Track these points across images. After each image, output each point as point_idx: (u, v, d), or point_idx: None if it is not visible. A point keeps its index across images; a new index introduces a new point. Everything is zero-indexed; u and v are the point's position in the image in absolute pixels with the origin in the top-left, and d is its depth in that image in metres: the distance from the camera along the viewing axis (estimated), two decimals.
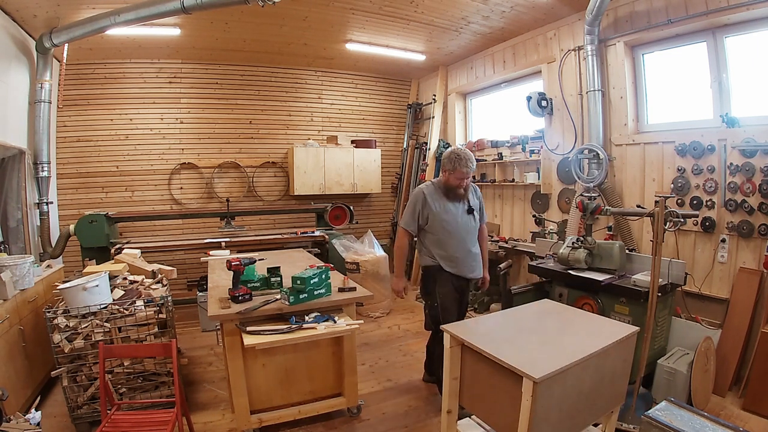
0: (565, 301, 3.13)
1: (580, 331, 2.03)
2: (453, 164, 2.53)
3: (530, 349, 1.80)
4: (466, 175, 2.56)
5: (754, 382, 2.64)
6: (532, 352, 1.76)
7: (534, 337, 1.97)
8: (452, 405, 2.02)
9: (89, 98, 4.97)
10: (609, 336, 1.91)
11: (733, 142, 2.92)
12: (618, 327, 2.08)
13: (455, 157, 2.53)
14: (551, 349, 1.80)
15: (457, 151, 2.56)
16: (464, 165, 2.53)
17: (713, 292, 3.09)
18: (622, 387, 2.01)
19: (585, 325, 2.13)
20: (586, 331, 2.01)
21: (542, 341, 1.90)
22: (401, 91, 6.73)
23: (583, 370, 1.73)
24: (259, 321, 2.33)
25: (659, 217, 2.27)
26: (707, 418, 1.60)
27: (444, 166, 2.60)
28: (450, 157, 2.55)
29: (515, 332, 2.04)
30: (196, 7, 3.25)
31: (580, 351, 1.74)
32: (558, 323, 2.16)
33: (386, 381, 3.19)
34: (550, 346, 1.85)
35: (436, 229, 2.63)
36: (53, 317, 2.37)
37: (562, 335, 1.98)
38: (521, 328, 2.10)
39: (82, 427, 2.48)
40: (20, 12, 3.63)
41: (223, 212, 5.01)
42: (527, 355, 1.73)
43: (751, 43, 3.03)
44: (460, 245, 2.65)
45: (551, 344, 1.87)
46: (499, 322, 2.22)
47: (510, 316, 2.31)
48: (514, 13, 4.12)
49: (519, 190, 4.88)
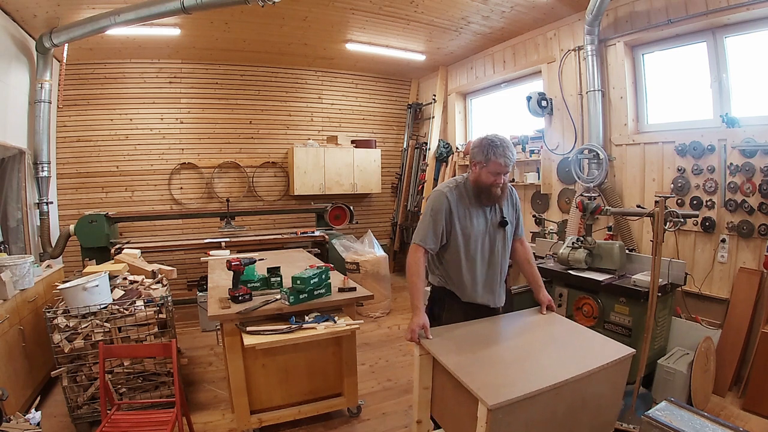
0: (565, 301, 3.13)
1: (565, 348, 1.78)
2: (486, 153, 1.85)
3: (498, 368, 1.61)
4: (503, 168, 1.86)
5: (754, 382, 2.64)
6: (499, 372, 1.57)
7: (509, 353, 1.76)
8: (422, 415, 1.88)
9: (89, 98, 4.97)
10: (597, 357, 1.66)
11: (733, 142, 2.92)
12: (611, 347, 1.79)
13: (488, 144, 1.85)
14: (522, 370, 1.59)
15: (491, 137, 1.88)
16: (501, 155, 1.83)
17: (713, 292, 3.09)
18: (610, 416, 1.76)
19: (573, 341, 1.86)
20: (572, 350, 1.76)
21: (516, 359, 1.69)
22: (401, 91, 6.73)
23: (556, 396, 1.50)
24: (259, 321, 2.33)
25: (659, 217, 2.27)
26: (707, 418, 1.60)
27: (474, 157, 1.91)
28: (482, 145, 1.87)
29: (490, 345, 1.82)
30: (196, 7, 3.25)
31: (555, 374, 1.52)
32: (542, 338, 1.91)
33: (386, 381, 3.19)
34: (522, 365, 1.63)
35: (456, 248, 1.96)
36: (53, 317, 2.36)
37: (542, 353, 1.75)
38: (499, 341, 1.89)
39: (82, 427, 2.48)
40: (20, 12, 3.63)
41: (223, 212, 5.01)
42: (491, 375, 1.53)
43: (751, 43, 3.03)
44: (484, 270, 2.00)
45: (524, 363, 1.65)
46: (477, 333, 1.93)
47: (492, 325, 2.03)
48: (514, 13, 4.11)
49: (519, 190, 4.86)
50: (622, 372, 1.74)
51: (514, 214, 2.10)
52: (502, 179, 1.90)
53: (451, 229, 1.94)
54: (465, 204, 1.95)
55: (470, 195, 1.96)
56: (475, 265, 1.98)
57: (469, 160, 1.98)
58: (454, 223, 1.93)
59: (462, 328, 1.96)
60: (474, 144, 1.94)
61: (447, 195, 1.93)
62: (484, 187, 1.91)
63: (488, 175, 1.88)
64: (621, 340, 2.77)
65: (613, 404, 1.77)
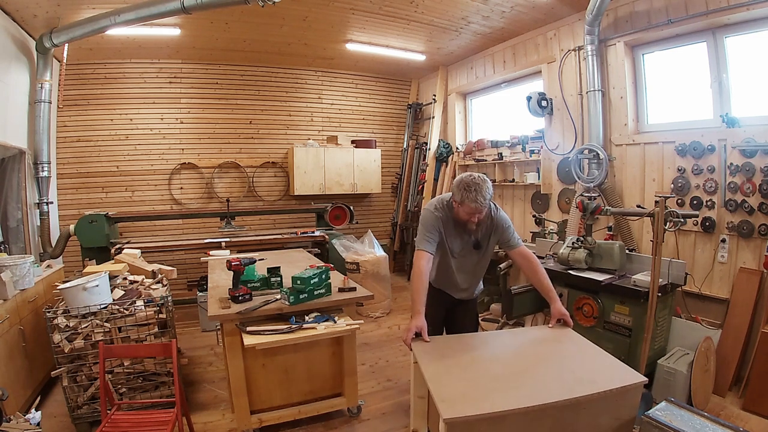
0: (565, 301, 3.13)
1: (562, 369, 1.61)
2: (461, 196, 1.99)
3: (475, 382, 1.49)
4: (476, 210, 2.00)
5: (754, 382, 2.64)
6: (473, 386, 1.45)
7: (498, 367, 1.64)
8: (418, 424, 1.84)
9: (89, 98, 4.97)
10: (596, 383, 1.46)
11: (733, 142, 2.92)
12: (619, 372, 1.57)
13: (464, 187, 1.98)
14: (501, 387, 1.45)
15: (467, 180, 1.99)
16: (473, 199, 1.96)
17: (713, 292, 3.09)
18: None
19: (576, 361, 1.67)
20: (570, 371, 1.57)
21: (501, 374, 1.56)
22: (401, 91, 6.73)
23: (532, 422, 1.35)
24: (259, 321, 2.33)
25: (659, 217, 2.27)
26: (707, 418, 1.60)
27: (453, 195, 2.08)
28: (459, 186, 2.00)
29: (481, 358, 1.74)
30: (196, 7, 3.25)
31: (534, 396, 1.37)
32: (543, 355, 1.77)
33: (386, 381, 3.19)
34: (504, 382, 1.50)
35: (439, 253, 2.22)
36: (53, 317, 2.36)
37: (533, 371, 1.60)
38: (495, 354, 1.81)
39: (82, 427, 2.48)
40: (20, 12, 3.63)
41: (223, 212, 5.01)
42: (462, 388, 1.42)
43: (751, 43, 3.03)
44: (456, 277, 2.29)
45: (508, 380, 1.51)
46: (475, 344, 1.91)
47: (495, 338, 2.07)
48: (514, 13, 4.11)
49: (519, 190, 4.88)
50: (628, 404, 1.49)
51: (490, 235, 2.24)
52: (476, 218, 2.07)
53: (440, 240, 2.16)
54: (448, 224, 2.17)
55: (451, 219, 2.16)
56: (454, 273, 2.27)
57: (452, 194, 2.12)
58: (442, 237, 2.16)
59: (463, 339, 1.98)
60: (455, 183, 2.08)
61: (435, 213, 2.15)
62: (461, 222, 2.12)
63: (464, 213, 2.06)
64: (621, 340, 2.80)
65: None
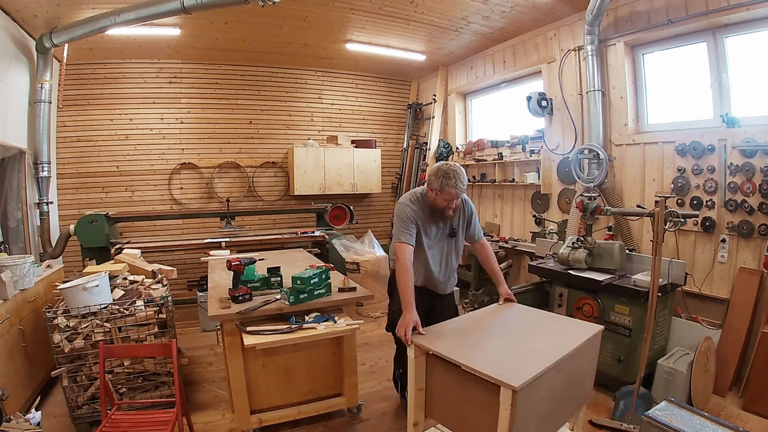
0: (565, 301, 3.13)
1: (546, 332, 1.97)
2: (440, 183, 2.12)
3: (502, 355, 1.72)
4: (455, 196, 2.15)
5: (755, 382, 2.64)
6: (505, 359, 1.68)
7: (501, 341, 1.89)
8: (419, 417, 1.91)
9: (89, 98, 4.97)
10: (577, 336, 1.88)
11: (733, 142, 2.92)
12: (584, 327, 2.07)
13: (443, 175, 2.12)
14: (523, 354, 1.72)
15: (445, 168, 2.13)
16: (453, 186, 2.11)
17: (713, 292, 3.09)
18: (589, 385, 2.05)
19: (549, 326, 2.08)
20: (553, 333, 1.96)
21: (512, 346, 1.81)
22: (401, 91, 6.73)
23: (557, 372, 1.67)
24: (259, 321, 2.32)
25: (659, 217, 2.27)
26: (707, 418, 1.60)
27: (430, 183, 2.19)
28: (437, 174, 2.14)
29: (482, 337, 1.94)
30: (196, 7, 3.25)
31: (552, 354, 1.69)
32: (522, 325, 2.09)
33: (386, 381, 3.19)
34: (521, 350, 1.76)
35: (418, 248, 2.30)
36: (53, 317, 2.36)
37: (530, 338, 1.90)
38: (486, 332, 2.01)
39: (82, 427, 2.48)
40: (20, 12, 3.63)
41: (223, 212, 5.01)
42: (500, 362, 1.64)
43: (751, 43, 3.03)
44: (432, 268, 2.37)
45: (521, 348, 1.78)
46: (462, 328, 2.08)
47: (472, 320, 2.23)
48: (514, 13, 4.12)
49: (519, 190, 4.88)
50: (596, 346, 2.02)
51: (464, 223, 2.40)
52: (453, 203, 2.21)
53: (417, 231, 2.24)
54: (423, 216, 2.27)
55: (427, 209, 2.28)
56: (430, 264, 2.35)
57: (427, 184, 2.25)
58: (418, 228, 2.26)
59: (447, 326, 2.11)
60: (431, 172, 2.20)
61: (410, 206, 2.25)
62: (439, 209, 2.24)
63: (442, 200, 2.19)
64: (621, 340, 2.81)
65: (591, 375, 2.04)
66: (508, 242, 4.60)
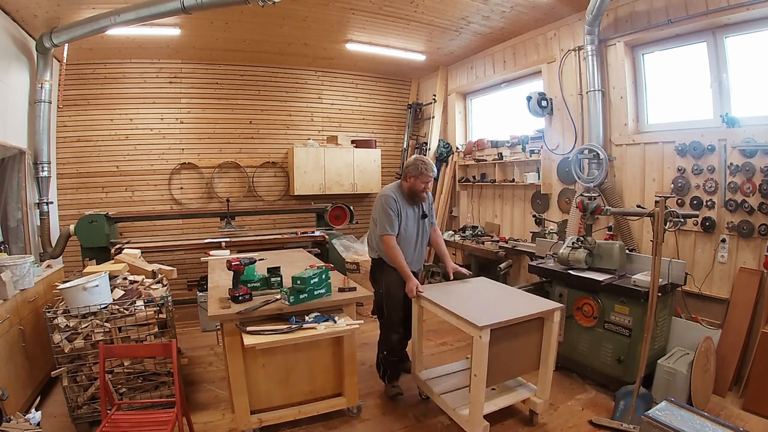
0: (565, 301, 3.13)
1: (513, 299, 2.62)
2: (419, 170, 2.72)
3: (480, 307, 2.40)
4: (430, 178, 2.76)
5: (754, 382, 2.64)
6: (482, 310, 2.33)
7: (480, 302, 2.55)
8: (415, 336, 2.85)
9: (89, 98, 4.97)
10: (538, 305, 2.46)
11: (733, 142, 2.92)
12: (543, 300, 2.57)
13: (421, 164, 2.74)
14: (497, 309, 2.37)
15: (421, 158, 2.79)
16: (430, 170, 2.74)
17: (713, 292, 3.09)
18: (536, 355, 2.50)
19: (515, 296, 2.72)
20: (519, 300, 2.59)
21: (488, 305, 2.48)
22: (401, 91, 6.73)
23: (519, 328, 2.32)
24: (259, 321, 2.32)
25: (659, 217, 2.27)
26: (707, 418, 1.61)
27: (410, 172, 2.75)
28: (416, 164, 2.75)
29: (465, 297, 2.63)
30: (196, 7, 3.25)
31: (519, 311, 2.31)
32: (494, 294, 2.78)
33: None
34: (495, 307, 2.43)
35: (399, 232, 2.79)
36: (53, 317, 2.36)
37: (502, 301, 2.57)
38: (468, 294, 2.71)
39: (82, 427, 2.48)
40: (20, 12, 3.63)
41: (223, 212, 5.01)
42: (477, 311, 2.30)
43: (751, 43, 3.03)
44: (409, 248, 2.86)
45: (495, 306, 2.46)
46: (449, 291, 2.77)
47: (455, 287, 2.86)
48: (514, 13, 4.12)
49: (519, 190, 4.88)
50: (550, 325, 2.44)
51: (429, 208, 2.99)
52: (429, 186, 2.82)
53: (398, 218, 2.76)
54: (402, 203, 2.81)
55: (404, 197, 2.83)
56: (408, 244, 2.85)
57: (404, 174, 2.84)
58: (400, 215, 2.78)
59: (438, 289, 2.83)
60: (409, 162, 2.81)
61: (393, 197, 2.78)
62: (417, 192, 2.80)
63: (420, 183, 2.76)
64: (621, 340, 2.81)
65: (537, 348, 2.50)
66: (508, 242, 4.60)
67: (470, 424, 2.28)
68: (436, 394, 2.60)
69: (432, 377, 2.80)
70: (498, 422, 2.55)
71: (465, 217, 5.76)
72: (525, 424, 2.58)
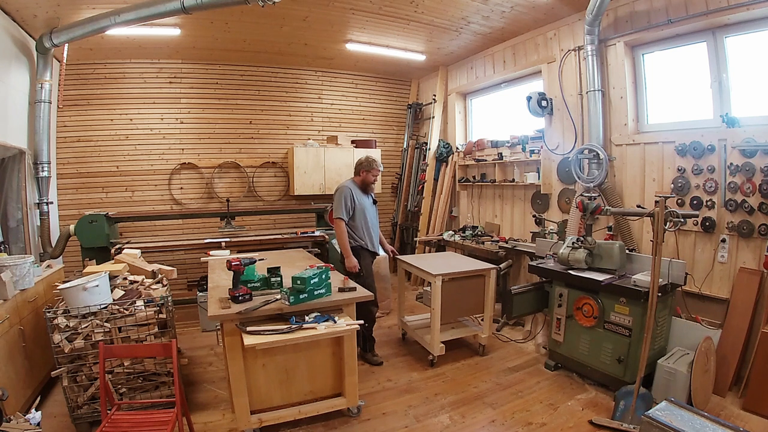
0: (565, 301, 3.13)
1: (460, 262, 3.78)
2: (370, 165, 3.50)
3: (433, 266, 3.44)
4: (378, 172, 3.56)
5: (755, 382, 2.64)
6: (435, 267, 3.38)
7: (435, 265, 3.47)
8: None
9: (89, 98, 4.97)
10: (478, 265, 3.57)
11: (733, 142, 2.92)
12: (484, 264, 3.60)
13: (372, 160, 3.53)
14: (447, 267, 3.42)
15: (369, 156, 3.58)
16: (379, 165, 3.56)
17: (713, 292, 3.09)
18: (480, 302, 3.54)
19: (463, 260, 3.86)
20: (465, 263, 3.72)
21: (440, 266, 3.44)
22: (401, 91, 6.73)
23: (463, 280, 3.41)
24: (259, 321, 2.33)
25: (659, 217, 2.27)
26: (707, 418, 1.61)
27: (363, 167, 3.51)
28: (368, 161, 3.52)
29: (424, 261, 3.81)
30: (196, 7, 3.25)
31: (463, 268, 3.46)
32: (447, 260, 3.88)
33: (386, 381, 3.19)
34: (446, 266, 3.47)
35: (359, 218, 3.47)
36: (53, 317, 2.37)
37: (451, 263, 3.65)
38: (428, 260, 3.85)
39: (82, 427, 2.48)
40: (20, 12, 3.63)
41: (223, 212, 5.00)
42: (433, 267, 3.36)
43: (751, 43, 3.03)
44: (371, 229, 3.57)
45: (448, 265, 3.51)
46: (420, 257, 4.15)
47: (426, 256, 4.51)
48: (514, 13, 4.12)
49: (519, 190, 4.88)
50: (488, 281, 3.51)
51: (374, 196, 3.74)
52: (377, 177, 3.59)
53: (354, 206, 3.44)
54: (357, 193, 3.49)
55: (358, 188, 3.53)
56: (367, 225, 3.52)
57: (356, 169, 3.57)
58: (356, 202, 3.44)
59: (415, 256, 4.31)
60: (361, 160, 3.55)
61: (350, 188, 3.45)
62: (368, 183, 3.55)
63: (371, 176, 3.53)
64: (621, 340, 2.81)
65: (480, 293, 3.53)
66: (508, 242, 4.60)
67: (431, 345, 3.37)
68: (411, 329, 3.74)
69: (410, 321, 3.91)
70: (455, 349, 3.61)
71: (465, 217, 5.76)
72: (477, 354, 3.63)
